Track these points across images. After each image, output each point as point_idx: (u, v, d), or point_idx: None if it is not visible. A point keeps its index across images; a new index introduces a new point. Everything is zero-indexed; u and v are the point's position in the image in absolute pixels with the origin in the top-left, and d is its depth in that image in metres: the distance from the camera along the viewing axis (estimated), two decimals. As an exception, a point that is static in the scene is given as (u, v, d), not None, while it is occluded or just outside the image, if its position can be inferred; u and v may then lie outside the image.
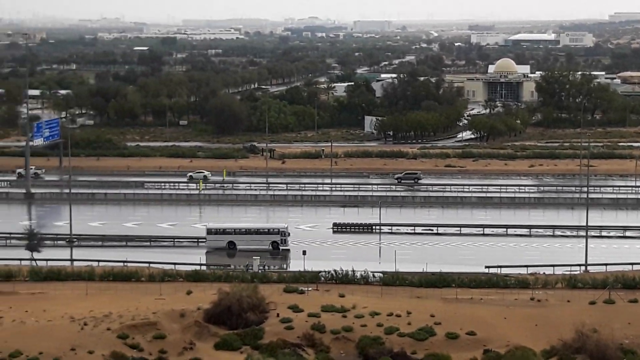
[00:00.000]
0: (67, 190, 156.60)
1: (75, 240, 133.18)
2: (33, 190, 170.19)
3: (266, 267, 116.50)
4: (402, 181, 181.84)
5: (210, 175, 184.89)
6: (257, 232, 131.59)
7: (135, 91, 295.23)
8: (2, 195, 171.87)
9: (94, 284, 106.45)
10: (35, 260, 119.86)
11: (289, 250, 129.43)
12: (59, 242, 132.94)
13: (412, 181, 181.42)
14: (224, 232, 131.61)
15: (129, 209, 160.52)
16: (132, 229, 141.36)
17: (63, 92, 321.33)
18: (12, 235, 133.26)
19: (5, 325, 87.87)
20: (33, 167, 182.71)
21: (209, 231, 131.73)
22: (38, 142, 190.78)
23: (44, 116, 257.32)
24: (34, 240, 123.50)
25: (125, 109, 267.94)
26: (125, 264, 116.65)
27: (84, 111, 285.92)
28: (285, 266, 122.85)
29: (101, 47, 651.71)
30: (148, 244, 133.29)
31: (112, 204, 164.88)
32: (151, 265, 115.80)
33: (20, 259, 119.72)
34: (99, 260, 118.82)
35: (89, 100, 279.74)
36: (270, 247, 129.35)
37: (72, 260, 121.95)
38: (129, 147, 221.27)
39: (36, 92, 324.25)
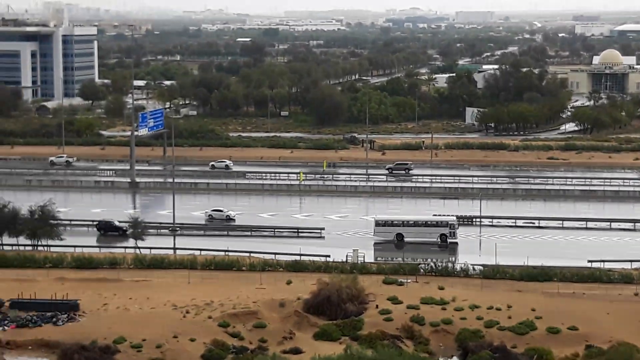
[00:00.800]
0: (170, 180, 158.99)
1: (178, 229, 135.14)
2: (138, 180, 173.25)
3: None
4: (393, 171, 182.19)
5: (232, 164, 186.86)
6: (426, 224, 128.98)
7: (238, 82, 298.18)
8: (108, 184, 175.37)
9: (196, 273, 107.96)
10: (139, 248, 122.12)
11: (457, 243, 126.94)
12: (162, 230, 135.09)
13: (403, 171, 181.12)
14: (392, 224, 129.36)
15: (231, 199, 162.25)
16: (234, 219, 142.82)
17: (167, 82, 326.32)
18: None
19: (109, 312, 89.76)
20: (64, 155, 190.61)
21: (377, 223, 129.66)
22: (143, 132, 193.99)
23: (149, 106, 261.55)
24: (138, 229, 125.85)
25: (228, 99, 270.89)
26: (227, 253, 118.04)
27: (187, 102, 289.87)
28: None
29: (205, 38, 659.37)
30: (249, 233, 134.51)
31: (214, 193, 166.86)
32: (252, 254, 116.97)
33: (125, 247, 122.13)
34: (201, 249, 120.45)
35: (192, 90, 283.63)
36: (439, 240, 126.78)
37: (174, 248, 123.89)
38: (231, 137, 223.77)
39: (141, 83, 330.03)
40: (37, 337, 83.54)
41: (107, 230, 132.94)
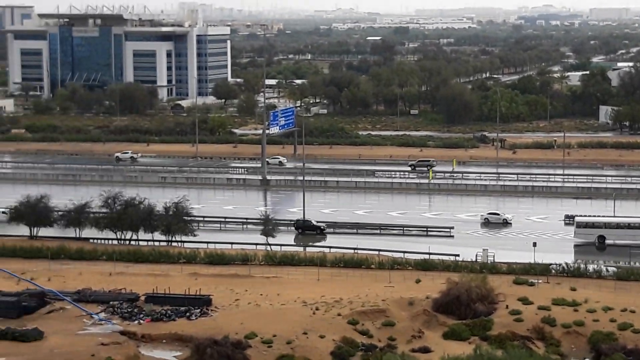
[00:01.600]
0: (301, 178, 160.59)
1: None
2: (269, 177, 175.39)
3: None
4: (416, 168, 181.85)
5: (285, 160, 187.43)
6: (630, 226, 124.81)
7: (368, 80, 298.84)
8: (240, 181, 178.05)
9: (326, 270, 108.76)
10: (270, 245, 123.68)
11: None
12: (292, 228, 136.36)
13: (425, 168, 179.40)
14: (593, 225, 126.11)
15: (360, 197, 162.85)
16: (363, 217, 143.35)
17: (298, 81, 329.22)
18: (248, 221, 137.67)
19: (241, 307, 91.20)
20: (129, 151, 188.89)
21: (579, 224, 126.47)
22: (274, 130, 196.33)
23: (280, 105, 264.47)
24: (269, 226, 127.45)
25: (358, 98, 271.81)
26: (356, 251, 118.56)
27: (318, 100, 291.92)
28: None
29: (335, 37, 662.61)
30: (378, 231, 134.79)
31: (343, 191, 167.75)
32: (381, 252, 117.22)
33: (256, 244, 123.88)
34: (330, 247, 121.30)
35: (322, 89, 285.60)
36: None
37: (304, 245, 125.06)
38: (360, 135, 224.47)
39: (273, 82, 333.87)
40: (171, 331, 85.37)
41: (304, 229, 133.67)
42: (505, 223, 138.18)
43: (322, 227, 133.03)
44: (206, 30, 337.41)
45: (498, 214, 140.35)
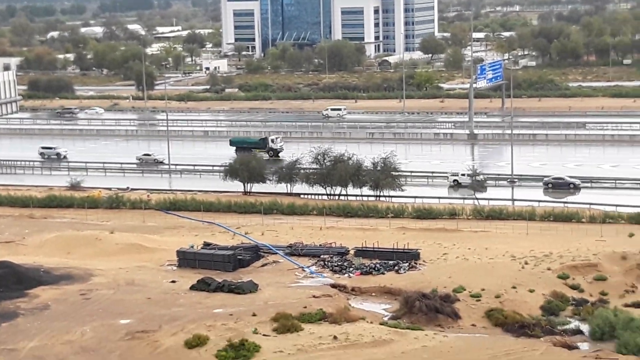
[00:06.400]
0: (508, 131, 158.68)
1: (516, 180, 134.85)
2: (476, 132, 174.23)
3: None
4: None
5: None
6: None
7: (579, 31, 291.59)
8: (447, 136, 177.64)
9: (535, 224, 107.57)
10: (478, 199, 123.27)
11: None
12: (500, 182, 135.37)
13: None
14: None
15: (570, 150, 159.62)
16: (573, 170, 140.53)
17: (506, 34, 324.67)
18: (454, 175, 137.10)
19: (449, 262, 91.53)
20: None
21: None
22: (481, 84, 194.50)
23: (488, 58, 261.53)
24: (477, 180, 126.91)
25: (568, 49, 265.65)
26: (566, 205, 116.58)
27: (526, 52, 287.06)
28: None
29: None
30: (588, 185, 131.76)
31: (552, 144, 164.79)
32: (592, 206, 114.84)
33: (464, 198, 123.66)
34: (539, 201, 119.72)
35: (531, 41, 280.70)
36: None
37: (513, 200, 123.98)
38: (570, 87, 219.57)
39: (480, 35, 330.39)
40: (380, 284, 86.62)
41: (556, 187, 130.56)
42: None
43: (576, 183, 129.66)
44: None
45: None
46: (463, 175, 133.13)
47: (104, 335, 73.12)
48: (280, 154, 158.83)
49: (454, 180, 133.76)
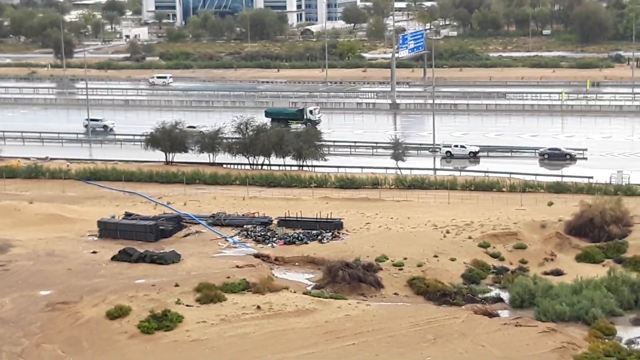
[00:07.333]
0: (430, 101, 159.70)
1: (437, 150, 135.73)
2: (398, 101, 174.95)
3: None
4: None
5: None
6: None
7: (499, 1, 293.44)
8: (370, 105, 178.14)
9: (456, 193, 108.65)
10: (400, 169, 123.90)
11: None
12: (422, 151, 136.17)
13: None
14: None
15: (491, 120, 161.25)
16: (493, 140, 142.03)
17: (428, 3, 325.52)
18: (378, 145, 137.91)
19: (372, 231, 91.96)
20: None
21: None
22: (403, 53, 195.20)
23: (410, 28, 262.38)
24: (399, 150, 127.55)
25: (488, 18, 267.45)
26: (487, 174, 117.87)
27: (447, 22, 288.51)
28: None
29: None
30: (509, 154, 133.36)
31: (474, 114, 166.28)
32: (512, 175, 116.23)
33: (386, 168, 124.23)
34: (460, 170, 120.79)
35: (452, 11, 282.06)
36: None
37: (434, 169, 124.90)
38: (491, 57, 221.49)
39: (402, 5, 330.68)
40: (303, 253, 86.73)
41: (552, 157, 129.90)
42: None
43: (572, 154, 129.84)
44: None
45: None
46: (456, 146, 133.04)
47: (24, 307, 72.09)
48: (317, 126, 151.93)
49: (447, 152, 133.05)
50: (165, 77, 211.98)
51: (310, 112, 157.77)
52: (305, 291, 77.24)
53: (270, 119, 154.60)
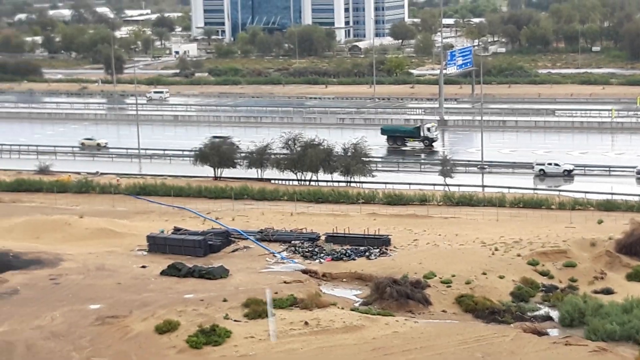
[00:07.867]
0: (478, 118, 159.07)
1: (486, 166, 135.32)
2: (446, 118, 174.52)
3: None
4: None
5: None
6: None
7: (548, 17, 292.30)
8: (418, 122, 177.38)
9: (505, 210, 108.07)
10: (448, 185, 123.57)
11: None
12: (470, 168, 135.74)
13: None
14: None
15: (540, 137, 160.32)
16: (542, 157, 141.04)
17: (476, 20, 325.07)
18: (425, 161, 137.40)
19: (420, 248, 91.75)
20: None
21: None
22: (451, 70, 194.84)
23: (458, 44, 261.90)
24: (447, 166, 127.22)
25: (537, 35, 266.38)
26: (536, 191, 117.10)
27: (496, 39, 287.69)
28: None
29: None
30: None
31: (522, 131, 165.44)
32: (561, 193, 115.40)
33: (434, 184, 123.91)
34: (509, 187, 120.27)
35: (501, 27, 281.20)
36: None
37: (483, 186, 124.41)
38: (540, 74, 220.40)
39: (450, 21, 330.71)
40: (351, 270, 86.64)
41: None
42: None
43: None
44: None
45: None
46: (550, 164, 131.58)
47: (74, 321, 72.74)
48: (434, 144, 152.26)
49: (540, 170, 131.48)
50: (162, 92, 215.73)
51: (428, 129, 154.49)
52: (352, 307, 77.12)
53: (386, 137, 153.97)
